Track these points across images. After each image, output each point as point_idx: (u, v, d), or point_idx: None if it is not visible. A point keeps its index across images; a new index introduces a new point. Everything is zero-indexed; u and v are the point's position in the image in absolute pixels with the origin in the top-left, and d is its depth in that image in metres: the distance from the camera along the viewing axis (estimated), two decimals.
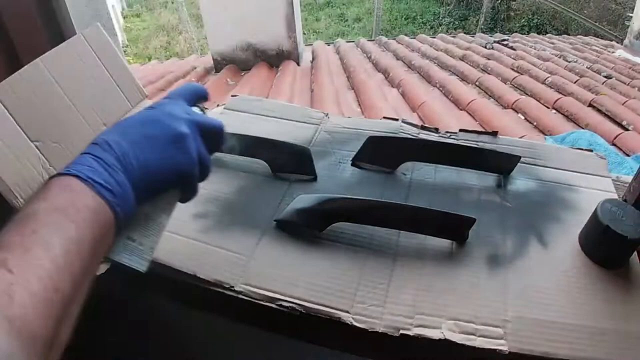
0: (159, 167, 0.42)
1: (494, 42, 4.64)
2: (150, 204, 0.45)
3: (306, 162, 0.68)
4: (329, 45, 4.83)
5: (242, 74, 3.53)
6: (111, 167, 0.39)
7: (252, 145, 0.71)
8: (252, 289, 0.52)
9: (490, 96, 2.94)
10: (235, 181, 0.68)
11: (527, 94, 2.92)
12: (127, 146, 0.41)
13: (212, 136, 0.49)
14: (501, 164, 0.68)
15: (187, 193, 0.49)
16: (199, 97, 0.51)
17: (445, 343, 0.46)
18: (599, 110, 2.60)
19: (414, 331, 0.47)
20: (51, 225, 0.34)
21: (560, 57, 3.96)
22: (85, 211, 0.36)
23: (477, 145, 0.74)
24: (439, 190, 0.66)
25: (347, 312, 0.49)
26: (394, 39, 5.03)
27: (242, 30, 3.50)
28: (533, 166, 0.71)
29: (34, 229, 0.33)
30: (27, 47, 0.82)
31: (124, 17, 10.89)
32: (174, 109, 0.46)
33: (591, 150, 0.74)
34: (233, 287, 0.52)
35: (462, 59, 3.84)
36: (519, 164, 0.68)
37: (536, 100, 2.76)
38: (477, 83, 3.16)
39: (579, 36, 6.12)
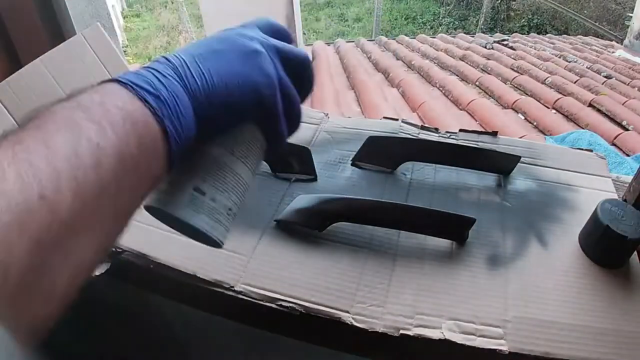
0: (228, 80, 0.32)
1: (494, 42, 4.64)
2: (222, 146, 0.35)
3: (306, 162, 0.68)
4: (329, 45, 4.83)
5: None
6: (163, 75, 0.30)
7: None
8: (252, 289, 0.52)
9: (490, 96, 2.95)
10: None
11: (527, 94, 2.92)
12: (188, 58, 0.32)
13: (297, 69, 0.39)
14: (501, 164, 0.68)
15: (271, 134, 0.37)
16: (276, 33, 0.41)
17: (445, 343, 0.46)
18: (599, 110, 2.61)
19: (414, 331, 0.47)
20: (63, 122, 0.24)
21: (560, 57, 3.97)
22: (116, 113, 0.26)
23: (477, 145, 0.74)
24: (438, 190, 0.66)
25: (347, 312, 0.49)
26: (394, 39, 5.03)
27: None
28: (533, 166, 0.71)
29: (39, 124, 0.24)
30: (27, 47, 0.82)
31: (124, 17, 10.88)
32: (246, 31, 0.37)
33: (591, 150, 0.74)
34: (233, 287, 0.52)
35: (462, 59, 3.84)
36: (518, 164, 0.68)
37: (536, 100, 2.76)
38: (477, 83, 3.17)
39: (579, 36, 6.12)
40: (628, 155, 2.03)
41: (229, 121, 0.33)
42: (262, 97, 0.33)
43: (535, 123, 2.45)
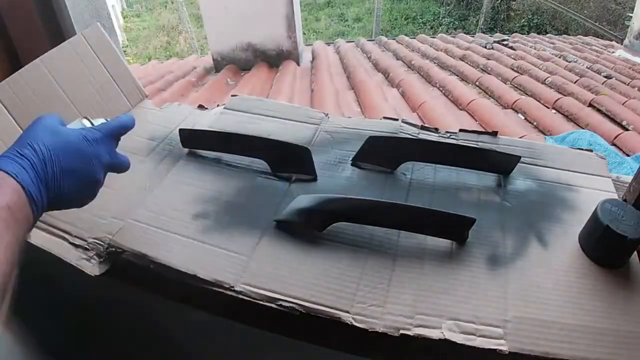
0: (71, 197, 0.51)
1: (494, 42, 4.63)
2: None
3: (306, 162, 0.68)
4: (329, 45, 4.83)
5: (242, 74, 3.53)
6: (45, 188, 0.47)
7: (253, 145, 0.71)
8: (252, 289, 0.52)
9: (490, 96, 2.94)
10: (235, 181, 0.68)
11: (527, 94, 2.91)
12: (58, 173, 0.49)
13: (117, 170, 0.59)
14: (501, 164, 0.68)
15: None
16: (126, 131, 0.58)
17: (445, 343, 0.46)
18: (599, 110, 2.60)
19: (414, 331, 0.47)
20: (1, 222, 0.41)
21: (560, 57, 3.96)
22: (23, 220, 0.44)
23: (477, 145, 0.74)
24: (438, 191, 0.66)
25: (347, 312, 0.49)
26: (394, 39, 5.03)
27: (242, 30, 3.50)
28: (533, 166, 0.71)
29: None
30: (27, 47, 0.82)
31: (124, 17, 10.88)
32: (101, 152, 0.53)
33: (591, 151, 0.74)
34: (233, 287, 0.52)
35: (462, 59, 3.83)
36: (518, 164, 0.68)
37: (536, 100, 2.76)
38: (477, 83, 3.16)
39: (579, 36, 6.12)
40: (628, 155, 2.03)
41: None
42: (82, 205, 0.54)
43: (535, 123, 2.44)
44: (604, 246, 0.54)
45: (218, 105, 0.89)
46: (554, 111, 2.65)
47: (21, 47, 0.81)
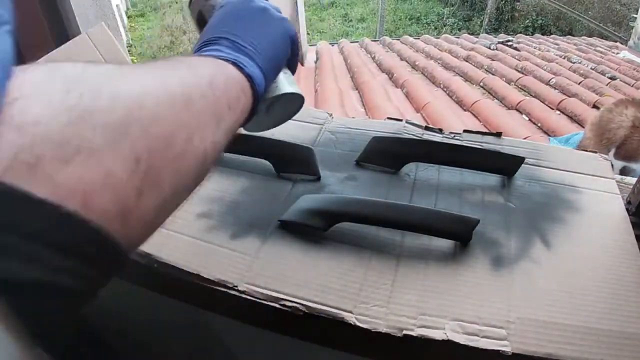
0: (270, 40, 0.46)
1: (498, 42, 4.63)
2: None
3: (310, 162, 0.68)
4: (333, 45, 4.84)
5: None
6: (248, 58, 0.43)
7: (256, 145, 0.71)
8: (255, 288, 0.52)
9: (494, 97, 2.94)
10: (239, 181, 0.69)
11: (531, 95, 2.91)
12: (245, 39, 0.44)
13: None
14: (505, 165, 0.68)
15: (294, 60, 0.53)
16: None
17: (448, 344, 0.46)
18: None
19: (417, 332, 0.47)
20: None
21: (564, 58, 3.96)
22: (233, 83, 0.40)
23: (481, 146, 0.74)
24: (442, 191, 0.66)
25: (350, 312, 0.49)
26: (398, 39, 5.04)
27: None
28: (537, 167, 0.70)
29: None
30: (32, 47, 0.82)
31: (128, 17, 10.90)
32: None
33: (595, 152, 0.74)
34: (236, 286, 0.52)
35: (466, 59, 3.83)
36: (522, 165, 0.68)
37: (540, 101, 2.76)
38: (481, 84, 3.16)
39: (583, 37, 6.10)
40: None
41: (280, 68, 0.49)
42: (292, 32, 0.49)
43: (539, 124, 2.45)
44: None
45: None
46: (558, 112, 2.64)
47: (26, 46, 0.82)
